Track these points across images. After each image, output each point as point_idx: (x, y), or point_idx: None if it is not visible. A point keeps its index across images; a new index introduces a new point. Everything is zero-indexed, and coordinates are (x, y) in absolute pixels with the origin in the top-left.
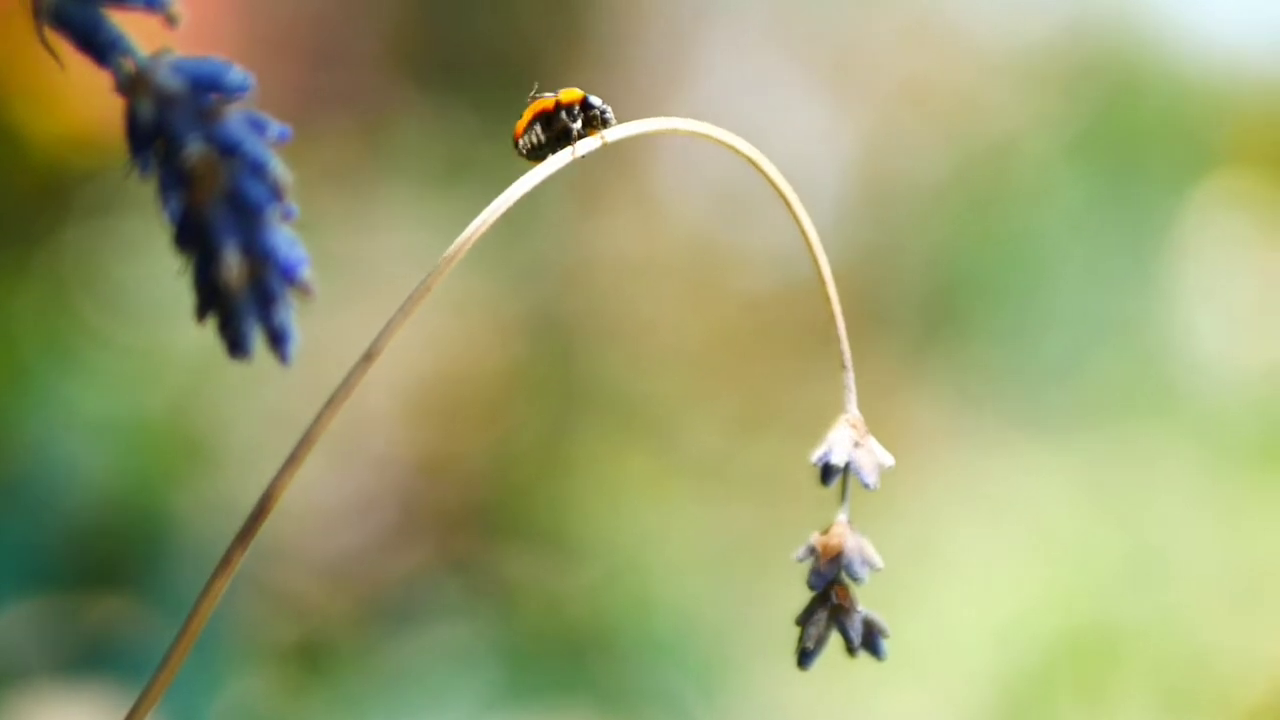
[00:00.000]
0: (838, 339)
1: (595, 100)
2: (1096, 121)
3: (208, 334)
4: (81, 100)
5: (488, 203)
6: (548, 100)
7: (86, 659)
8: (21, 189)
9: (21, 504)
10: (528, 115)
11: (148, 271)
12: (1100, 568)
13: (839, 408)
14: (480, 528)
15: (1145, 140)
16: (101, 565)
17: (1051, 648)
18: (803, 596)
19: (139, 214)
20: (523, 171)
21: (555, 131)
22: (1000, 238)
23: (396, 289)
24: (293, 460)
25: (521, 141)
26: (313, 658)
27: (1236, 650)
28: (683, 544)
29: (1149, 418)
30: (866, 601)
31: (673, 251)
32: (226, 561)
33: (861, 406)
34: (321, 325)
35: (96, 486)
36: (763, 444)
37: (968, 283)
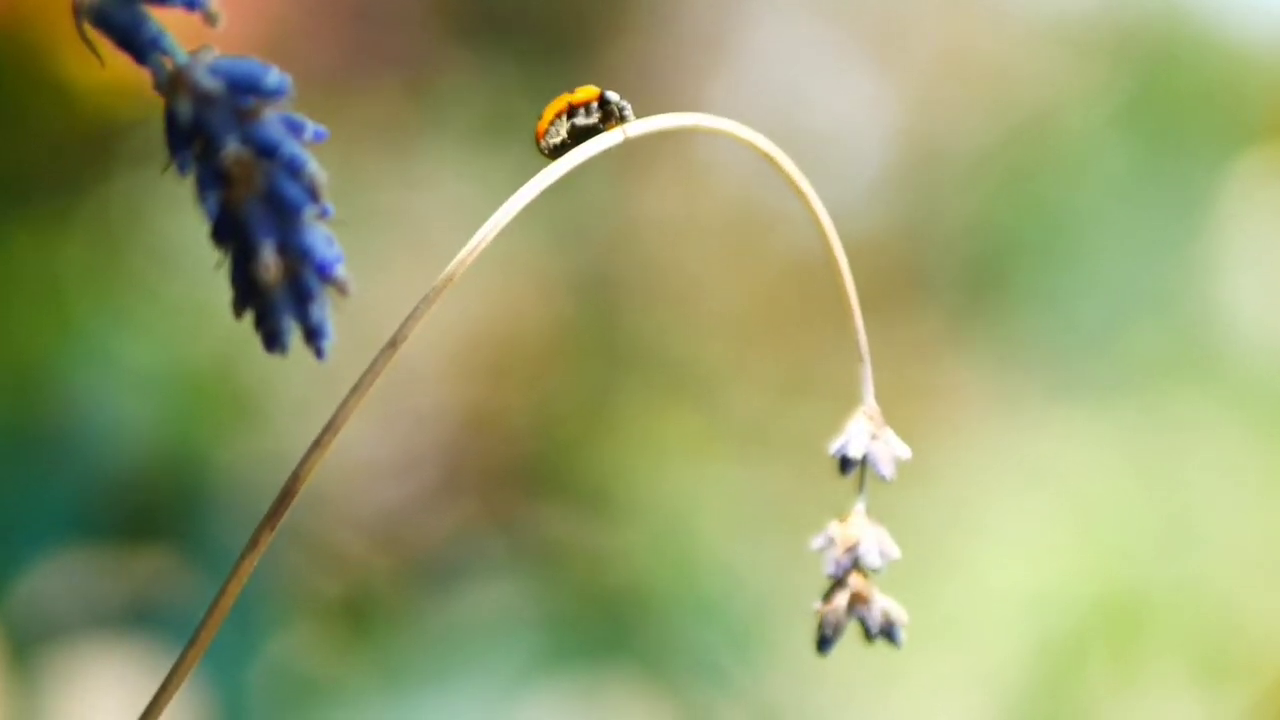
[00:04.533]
0: (854, 331)
1: (612, 95)
2: (1139, 91)
3: None
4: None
5: (531, 160)
6: (565, 99)
7: (129, 612)
8: (67, 139)
9: (66, 456)
10: (548, 114)
11: (195, 223)
12: (1137, 535)
13: (880, 375)
14: (523, 486)
15: (1188, 111)
16: (146, 518)
17: (1087, 614)
18: None
19: None
20: None
21: (576, 129)
22: (1042, 206)
23: (441, 244)
24: (319, 444)
25: (544, 142)
26: (355, 614)
27: (1271, 618)
28: (724, 506)
29: (1188, 386)
30: (903, 566)
31: (717, 214)
32: (254, 544)
33: (902, 372)
34: (367, 280)
35: (142, 439)
36: (805, 407)
37: (1009, 250)
